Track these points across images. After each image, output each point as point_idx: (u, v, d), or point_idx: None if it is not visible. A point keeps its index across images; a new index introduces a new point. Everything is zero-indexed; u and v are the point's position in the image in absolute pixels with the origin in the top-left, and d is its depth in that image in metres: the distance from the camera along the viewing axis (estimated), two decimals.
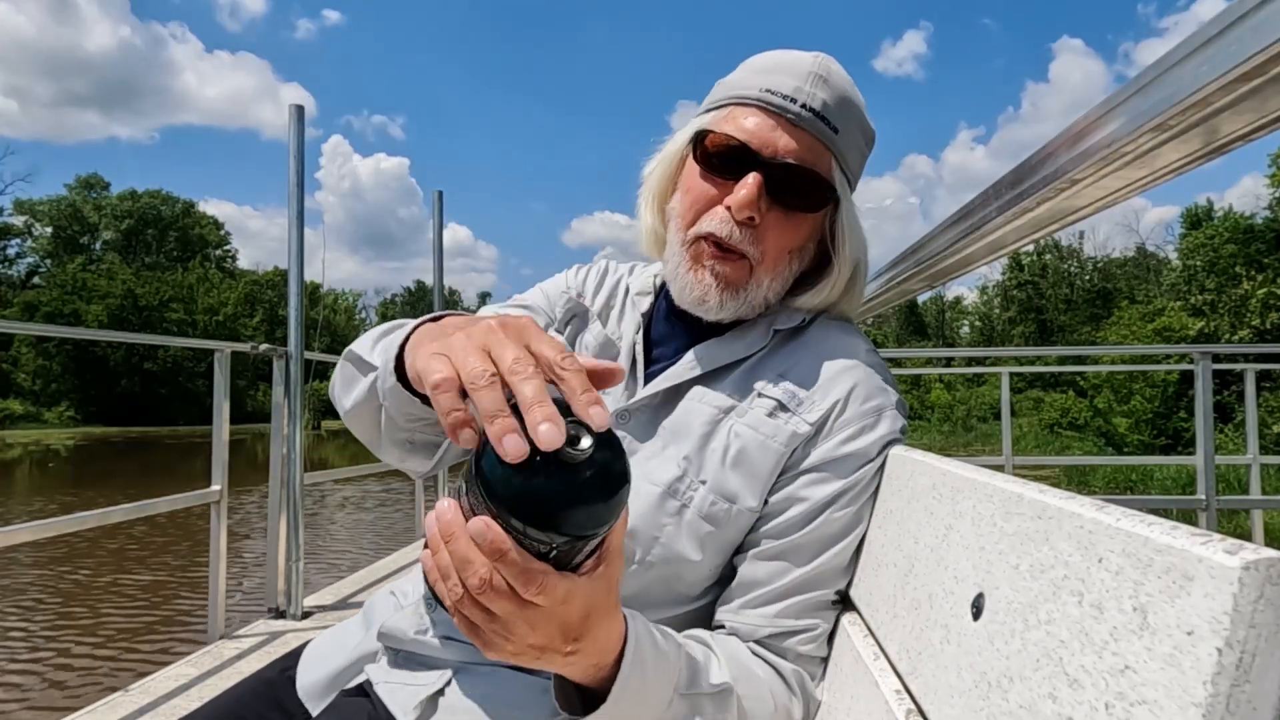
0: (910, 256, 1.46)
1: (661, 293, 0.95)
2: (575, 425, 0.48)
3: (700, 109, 0.90)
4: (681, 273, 0.86)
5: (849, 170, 0.86)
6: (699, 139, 0.85)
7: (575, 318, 0.97)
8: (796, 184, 0.82)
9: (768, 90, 0.82)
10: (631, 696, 0.63)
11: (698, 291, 0.84)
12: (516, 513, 0.48)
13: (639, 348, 0.90)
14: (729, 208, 0.82)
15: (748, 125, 0.82)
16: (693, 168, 0.86)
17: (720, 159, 0.83)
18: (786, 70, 0.83)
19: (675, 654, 0.68)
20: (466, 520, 0.50)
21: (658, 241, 0.93)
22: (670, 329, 0.92)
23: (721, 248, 0.83)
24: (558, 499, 0.47)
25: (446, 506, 0.52)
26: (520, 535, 0.49)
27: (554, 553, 0.50)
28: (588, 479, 0.48)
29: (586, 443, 0.47)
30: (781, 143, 0.81)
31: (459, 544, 0.50)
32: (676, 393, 0.86)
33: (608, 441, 0.49)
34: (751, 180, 0.80)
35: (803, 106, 0.81)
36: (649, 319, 0.94)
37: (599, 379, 0.54)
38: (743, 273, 0.84)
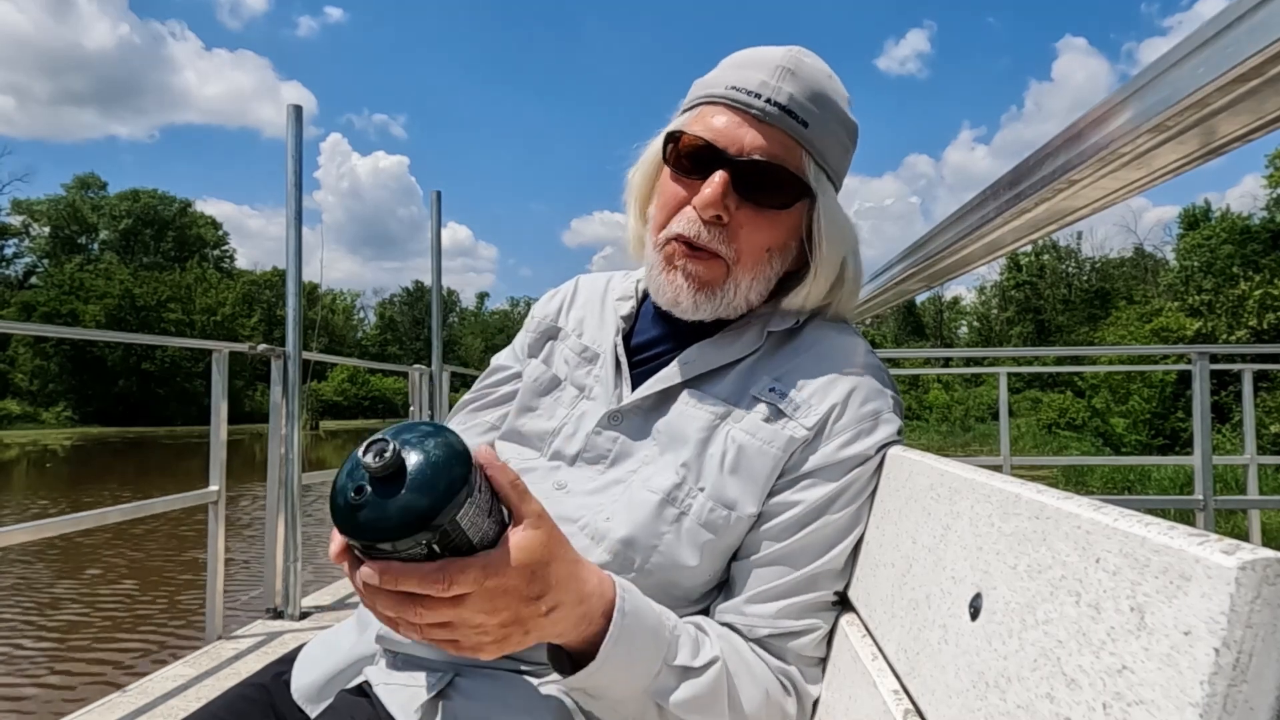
0: (909, 256, 1.46)
1: (646, 295, 0.95)
2: (381, 442, 0.54)
3: (679, 110, 0.90)
4: (655, 274, 0.86)
5: (826, 164, 0.85)
6: (671, 141, 0.85)
7: (550, 340, 0.98)
8: (765, 180, 0.81)
9: (733, 87, 0.82)
10: (620, 658, 0.65)
11: (670, 293, 0.84)
12: (369, 537, 0.54)
13: (620, 349, 0.90)
14: (696, 207, 0.82)
15: (715, 124, 0.82)
16: (666, 170, 0.86)
17: (689, 159, 0.83)
18: (755, 65, 0.82)
19: (667, 627, 0.70)
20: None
21: (641, 245, 0.93)
22: (660, 332, 0.91)
23: (693, 247, 0.83)
24: (390, 507, 0.53)
25: (363, 574, 0.57)
26: (395, 554, 0.55)
27: (435, 548, 0.55)
28: (410, 480, 0.54)
29: (389, 451, 0.53)
30: (747, 139, 0.80)
31: (381, 596, 0.56)
32: (668, 395, 0.85)
33: (418, 445, 0.56)
34: (716, 179, 0.80)
35: (767, 101, 0.80)
36: (632, 322, 0.94)
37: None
38: (718, 272, 0.83)
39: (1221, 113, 0.52)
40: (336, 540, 0.58)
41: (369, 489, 0.54)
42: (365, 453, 0.53)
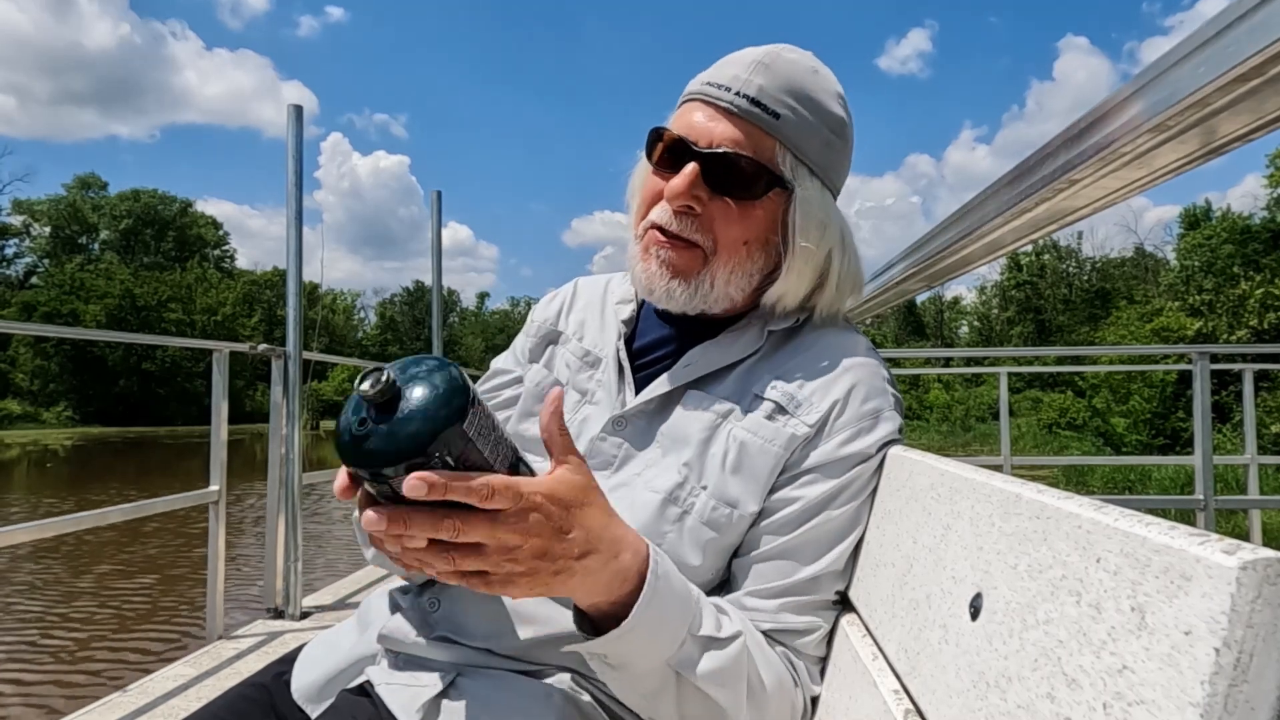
0: (909, 256, 1.46)
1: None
2: (376, 372, 0.55)
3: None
4: (634, 263, 0.88)
5: (805, 158, 0.84)
6: (655, 138, 0.86)
7: (551, 344, 0.98)
8: (733, 172, 0.82)
9: (708, 83, 0.84)
10: (651, 621, 0.64)
11: (645, 280, 0.85)
12: (387, 461, 0.54)
13: (623, 353, 0.90)
14: (666, 198, 0.83)
15: (691, 119, 0.84)
16: (650, 166, 0.88)
17: (668, 154, 0.85)
18: (733, 62, 0.84)
19: (693, 596, 0.70)
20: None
21: None
22: (661, 334, 0.91)
23: (669, 236, 0.84)
24: (396, 428, 0.54)
25: (375, 516, 0.56)
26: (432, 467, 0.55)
27: (449, 460, 0.55)
28: (412, 399, 0.55)
29: (385, 376, 0.55)
30: (717, 132, 0.82)
31: (414, 517, 0.55)
32: (671, 398, 0.85)
33: (413, 379, 0.57)
34: (686, 170, 0.82)
35: (737, 94, 0.82)
36: (634, 325, 0.94)
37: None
38: (694, 262, 0.84)
39: (1222, 112, 0.52)
40: (342, 476, 0.58)
41: (370, 419, 0.55)
42: (361, 383, 0.55)
